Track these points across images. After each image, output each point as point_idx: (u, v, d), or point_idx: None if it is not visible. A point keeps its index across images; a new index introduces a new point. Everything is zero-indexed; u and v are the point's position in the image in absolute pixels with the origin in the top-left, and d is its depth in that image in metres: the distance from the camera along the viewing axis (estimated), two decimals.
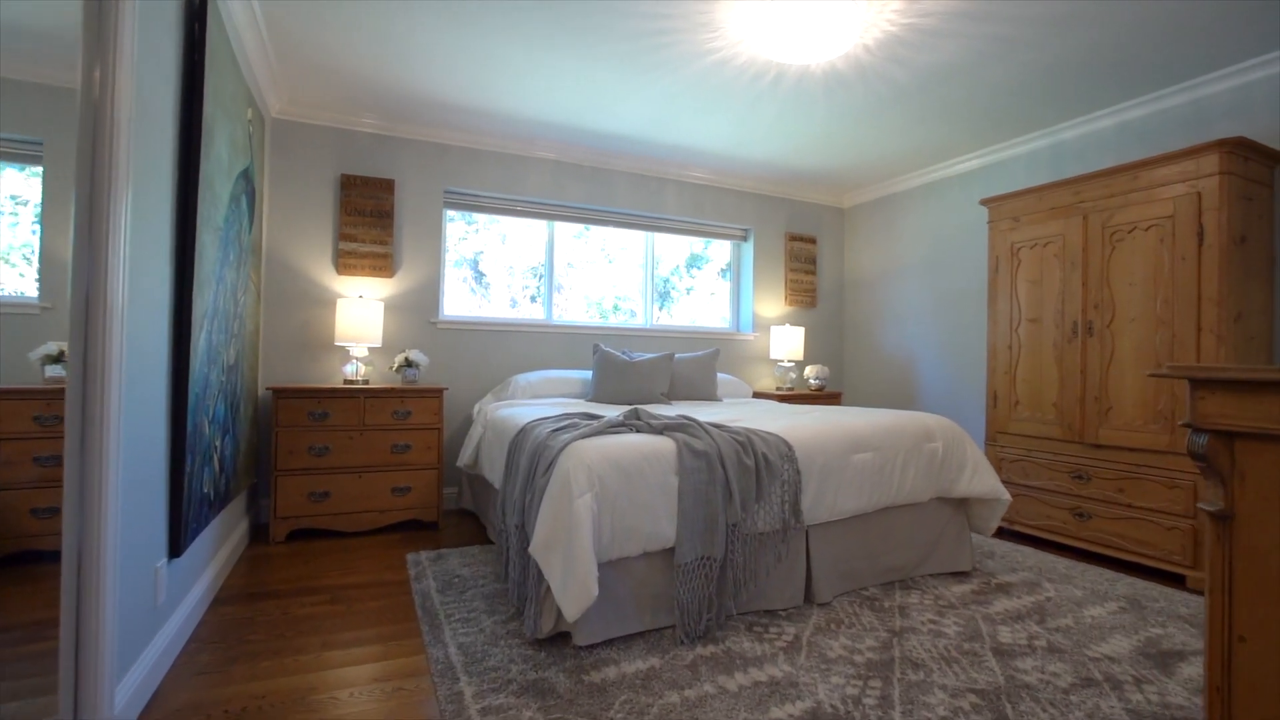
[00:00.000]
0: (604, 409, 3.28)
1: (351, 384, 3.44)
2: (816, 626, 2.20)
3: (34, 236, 3.14)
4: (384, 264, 3.80)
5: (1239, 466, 1.01)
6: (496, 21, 2.68)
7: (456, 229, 4.20)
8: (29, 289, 3.13)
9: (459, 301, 4.20)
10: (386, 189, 3.81)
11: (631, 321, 4.70)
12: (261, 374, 3.54)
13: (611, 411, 3.08)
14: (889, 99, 3.36)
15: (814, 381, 4.81)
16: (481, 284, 4.29)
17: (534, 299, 4.40)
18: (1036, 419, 3.33)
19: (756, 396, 4.59)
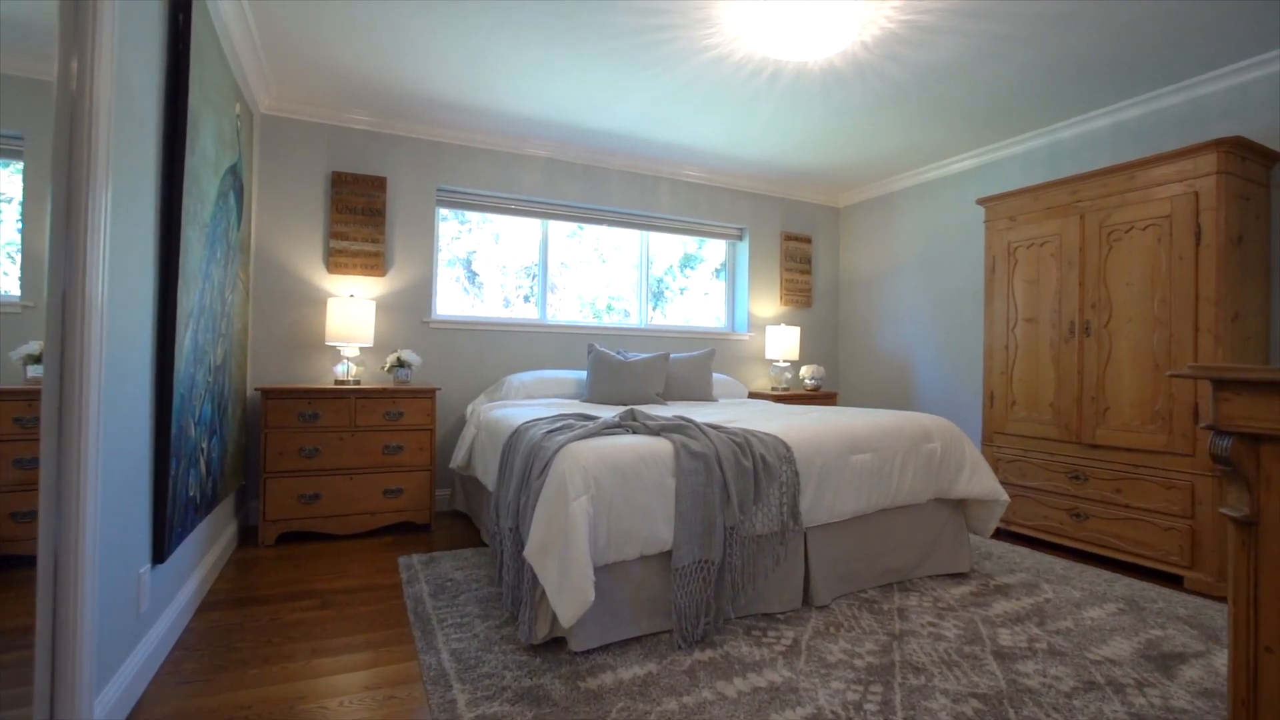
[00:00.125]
0: (599, 409, 3.24)
1: (342, 384, 3.38)
2: (815, 630, 2.17)
3: (19, 234, 3.07)
4: (375, 263, 3.75)
5: (1265, 470, 0.97)
6: (491, 17, 2.64)
7: (449, 228, 4.15)
8: (14, 288, 3.06)
9: (452, 301, 4.15)
10: (378, 186, 3.75)
11: (626, 321, 4.67)
12: (250, 374, 3.48)
13: (607, 412, 3.04)
14: (886, 97, 3.34)
15: (809, 382, 4.79)
16: (474, 283, 4.24)
17: (528, 299, 4.36)
18: (1033, 419, 3.32)
19: (752, 397, 4.56)
